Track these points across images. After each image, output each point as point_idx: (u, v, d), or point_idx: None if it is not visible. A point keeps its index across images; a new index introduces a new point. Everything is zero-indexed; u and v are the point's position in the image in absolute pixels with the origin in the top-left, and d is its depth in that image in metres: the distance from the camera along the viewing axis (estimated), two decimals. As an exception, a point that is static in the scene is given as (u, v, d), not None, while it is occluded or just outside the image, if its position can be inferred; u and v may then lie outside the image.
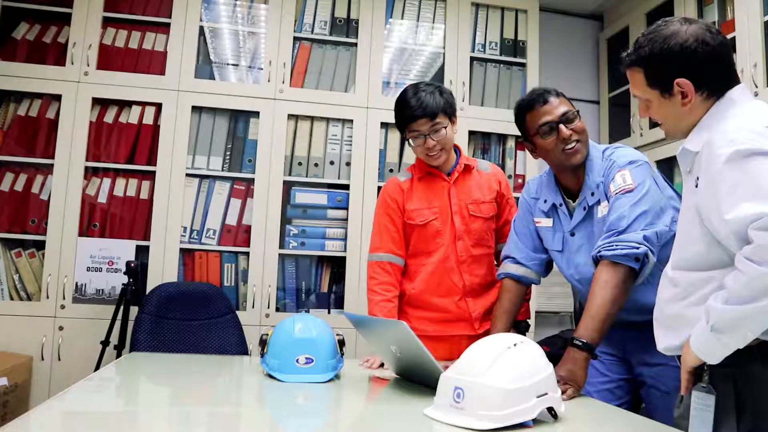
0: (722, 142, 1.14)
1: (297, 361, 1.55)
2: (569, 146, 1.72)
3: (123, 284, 2.55)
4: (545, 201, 1.88)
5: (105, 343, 2.50)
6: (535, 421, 1.16)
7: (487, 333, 1.87)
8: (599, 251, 1.61)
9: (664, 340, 1.30)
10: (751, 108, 1.23)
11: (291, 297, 2.95)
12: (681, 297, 1.25)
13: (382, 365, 1.84)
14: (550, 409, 1.19)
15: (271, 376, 1.56)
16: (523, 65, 3.29)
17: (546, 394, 1.16)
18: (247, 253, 2.88)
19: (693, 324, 1.18)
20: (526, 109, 1.79)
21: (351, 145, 3.03)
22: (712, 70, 1.26)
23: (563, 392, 1.45)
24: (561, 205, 1.84)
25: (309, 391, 1.49)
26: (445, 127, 1.97)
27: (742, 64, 2.55)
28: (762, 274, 1.03)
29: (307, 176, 3.00)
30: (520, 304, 1.95)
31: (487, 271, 2.08)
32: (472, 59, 3.23)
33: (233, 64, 3.03)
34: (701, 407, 1.21)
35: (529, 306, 2.17)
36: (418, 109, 1.94)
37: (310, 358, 1.56)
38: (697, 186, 1.21)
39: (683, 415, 1.26)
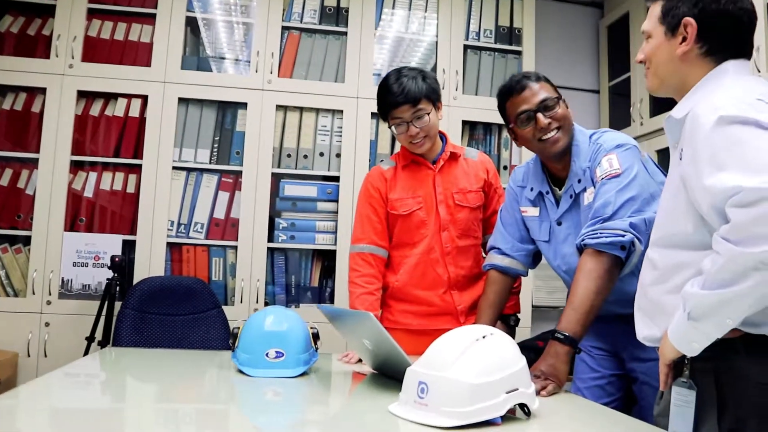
0: (708, 109, 1.07)
1: (267, 355, 1.50)
2: (547, 135, 1.65)
3: (107, 279, 2.50)
4: (532, 189, 1.80)
5: (90, 339, 2.45)
6: (506, 418, 1.10)
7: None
8: (583, 239, 1.54)
9: (644, 329, 1.22)
10: (745, 81, 1.15)
11: (281, 291, 2.90)
12: (660, 281, 1.17)
13: (361, 360, 1.78)
14: (523, 406, 1.13)
15: (241, 372, 1.50)
16: (518, 53, 3.21)
17: (517, 389, 1.09)
18: (235, 247, 2.83)
19: (671, 313, 1.11)
20: (505, 96, 1.71)
21: (341, 136, 2.96)
22: (723, 26, 1.17)
23: (543, 388, 1.38)
24: (547, 193, 1.76)
25: (278, 386, 1.43)
26: (429, 114, 1.90)
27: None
28: (739, 255, 0.96)
29: (296, 168, 2.94)
30: (506, 297, 1.88)
31: (473, 263, 2.01)
32: (466, 47, 3.15)
33: (220, 56, 2.97)
34: (681, 403, 1.13)
35: (518, 299, 2.10)
36: (399, 96, 1.88)
37: (280, 352, 1.50)
38: (681, 159, 1.13)
39: (664, 412, 1.19)
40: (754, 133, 1.00)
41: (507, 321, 2.08)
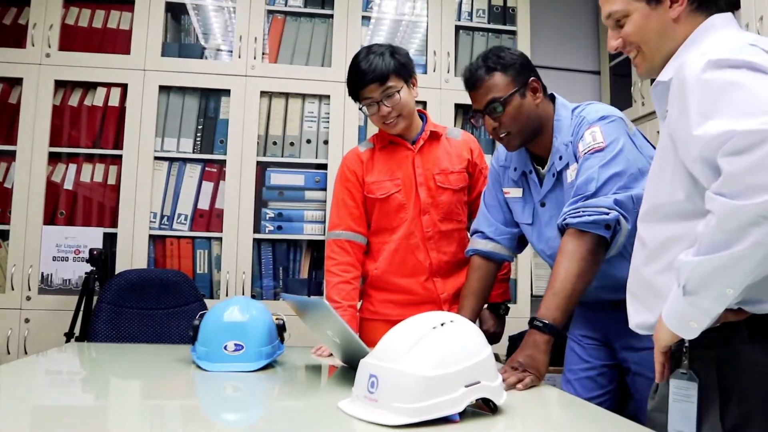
0: (695, 58, 0.95)
1: (225, 348, 1.40)
2: (498, 136, 1.54)
3: (86, 273, 2.43)
4: (515, 169, 1.69)
5: (69, 336, 2.38)
6: (469, 415, 0.99)
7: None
8: (564, 219, 1.42)
9: (636, 316, 1.10)
10: (734, 32, 1.04)
11: (268, 283, 2.80)
12: (651, 260, 1.05)
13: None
14: (488, 401, 1.01)
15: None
16: (513, 33, 3.08)
17: (478, 382, 0.98)
18: (220, 239, 2.74)
19: (665, 295, 0.98)
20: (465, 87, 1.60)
21: (328, 122, 2.86)
22: None
23: (519, 381, 1.27)
24: (531, 172, 1.65)
25: (239, 381, 1.34)
26: (399, 91, 1.79)
27: (747, 18, 2.31)
28: (735, 209, 0.84)
29: (282, 156, 2.84)
30: (490, 283, 1.77)
31: (457, 249, 1.89)
32: (458, 28, 3.03)
33: (202, 42, 2.87)
34: (681, 398, 1.01)
35: (508, 287, 1.99)
36: (368, 74, 1.77)
37: (239, 345, 1.40)
38: (667, 119, 1.01)
39: (659, 407, 1.07)
40: (747, 75, 0.88)
41: (496, 310, 1.97)
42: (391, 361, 0.97)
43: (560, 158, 1.55)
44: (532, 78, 1.56)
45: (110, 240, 2.67)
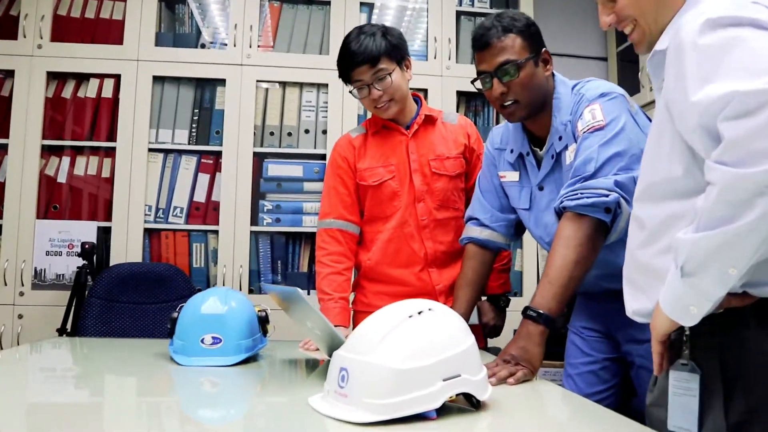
0: (692, 18, 0.86)
1: (202, 341, 1.33)
2: (503, 105, 1.44)
3: (78, 267, 2.38)
4: (512, 151, 1.59)
5: (61, 332, 2.33)
6: (448, 411, 0.90)
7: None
8: (561, 201, 1.33)
9: (633, 302, 1.01)
10: None
11: (266, 277, 2.73)
12: (649, 242, 0.96)
13: (321, 347, 1.60)
14: (470, 397, 0.93)
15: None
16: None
17: (458, 376, 0.90)
18: (217, 232, 2.67)
19: (664, 278, 0.89)
20: (472, 45, 1.50)
21: (327, 111, 2.78)
22: None
23: (511, 375, 1.18)
24: (528, 154, 1.55)
25: (217, 376, 1.27)
26: (391, 73, 1.70)
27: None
28: (738, 179, 0.75)
29: (280, 147, 2.77)
30: (486, 273, 1.68)
31: (454, 238, 1.80)
32: (459, 13, 2.94)
33: (197, 31, 2.80)
34: (682, 392, 0.92)
35: (508, 278, 1.90)
36: (358, 55, 1.68)
37: (217, 338, 1.33)
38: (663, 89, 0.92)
39: (658, 402, 0.98)
40: (750, 33, 0.79)
41: (496, 302, 1.89)
42: (362, 353, 0.89)
43: (559, 139, 1.46)
44: (544, 48, 1.47)
45: (105, 234, 2.62)
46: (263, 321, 1.44)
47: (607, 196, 1.26)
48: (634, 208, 1.00)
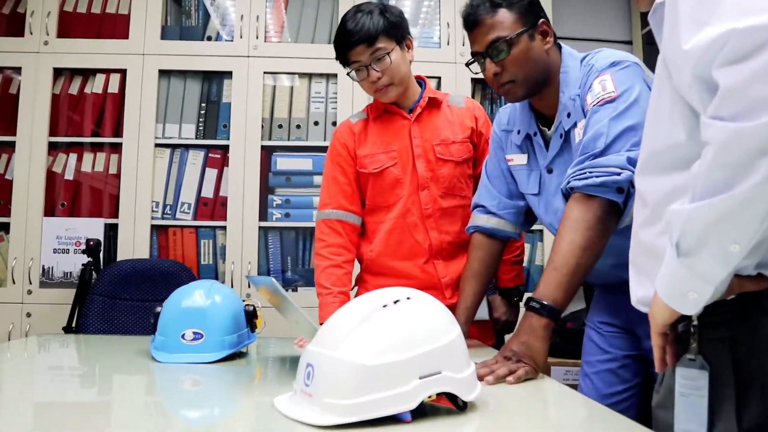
0: None
1: (183, 337, 1.25)
2: (500, 85, 1.33)
3: (83, 265, 2.33)
4: (518, 132, 1.47)
5: (67, 330, 2.29)
6: (428, 414, 0.80)
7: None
8: (568, 181, 1.20)
9: (638, 289, 0.88)
10: None
11: (276, 274, 2.66)
12: (652, 220, 0.83)
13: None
14: (454, 397, 0.82)
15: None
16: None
17: (438, 373, 0.79)
18: (225, 228, 2.60)
19: None
20: (463, 27, 1.39)
21: (336, 102, 2.69)
22: None
23: (511, 372, 1.06)
24: (536, 134, 1.43)
25: (199, 374, 1.19)
26: (390, 53, 1.60)
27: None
28: (737, 135, 0.62)
29: (289, 139, 2.69)
30: (494, 264, 1.56)
31: (461, 228, 1.68)
32: (474, -3, 2.80)
33: (203, 24, 2.74)
34: (690, 391, 0.79)
35: (521, 270, 1.78)
36: (354, 34, 1.58)
37: (198, 333, 1.25)
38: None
39: (664, 402, 0.86)
40: None
41: (509, 296, 1.77)
42: (328, 347, 0.79)
43: (568, 116, 1.33)
44: (542, 20, 1.35)
45: (112, 231, 2.58)
46: (251, 316, 1.35)
47: (618, 174, 1.13)
48: (636, 183, 0.88)
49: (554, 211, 1.39)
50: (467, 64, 1.40)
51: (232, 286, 2.54)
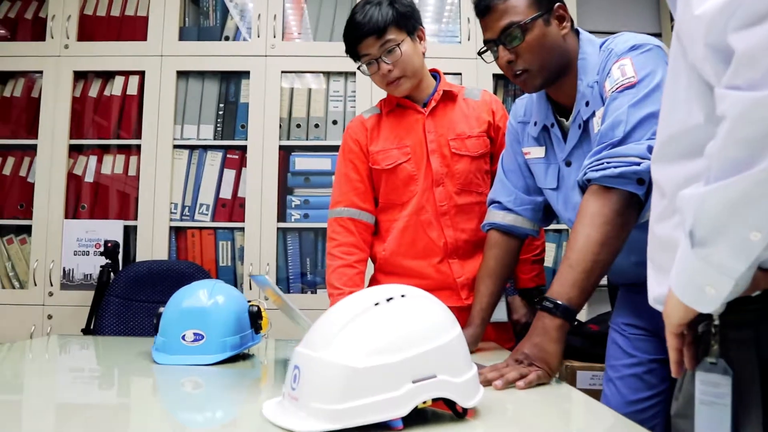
0: None
1: (183, 338, 1.21)
2: (515, 74, 1.26)
3: (101, 266, 2.33)
4: (535, 124, 1.40)
5: (86, 332, 2.29)
6: (421, 420, 0.73)
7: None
8: (585, 173, 1.13)
9: (656, 287, 0.81)
10: None
11: (295, 276, 2.62)
12: (669, 212, 0.75)
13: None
14: (452, 404, 0.76)
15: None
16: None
17: (433, 377, 0.73)
18: (243, 229, 2.58)
19: None
20: (475, 14, 1.33)
21: (355, 100, 2.64)
22: None
23: (522, 377, 0.99)
24: (553, 125, 1.36)
25: (196, 375, 1.15)
26: (400, 44, 1.54)
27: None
28: (756, 105, 0.54)
29: (307, 139, 2.65)
30: (510, 263, 1.49)
31: (477, 225, 1.62)
32: (495, -10, 2.73)
33: (221, 24, 2.73)
34: (711, 398, 0.71)
35: (542, 269, 1.70)
36: (363, 26, 1.54)
37: (199, 334, 1.21)
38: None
39: (684, 411, 0.78)
40: None
41: (529, 297, 1.69)
42: (315, 348, 0.74)
43: (586, 104, 1.25)
44: (558, 3, 1.27)
45: (132, 233, 2.58)
46: (255, 317, 1.31)
47: (638, 164, 1.05)
48: (652, 172, 0.80)
49: (573, 207, 1.31)
50: (480, 53, 1.34)
51: (250, 289, 2.51)
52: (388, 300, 0.76)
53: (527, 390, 0.97)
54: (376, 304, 0.75)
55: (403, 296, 0.77)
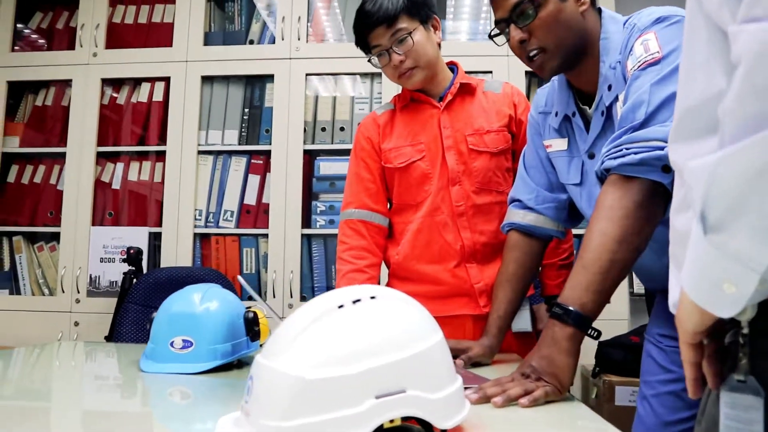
0: None
1: (172, 344, 1.14)
2: (529, 56, 1.13)
3: (123, 273, 2.31)
4: (556, 114, 1.28)
5: (109, 339, 2.27)
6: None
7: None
8: (602, 161, 1.00)
9: (675, 288, 0.68)
10: None
11: (320, 283, 2.54)
12: (688, 201, 0.63)
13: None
14: (427, 425, 0.65)
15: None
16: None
17: (402, 392, 0.62)
18: (267, 236, 2.52)
19: None
20: None
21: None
22: None
23: (527, 393, 0.87)
24: (574, 114, 1.23)
25: (189, 385, 1.08)
26: (411, 33, 1.45)
27: None
28: None
29: (332, 143, 2.58)
30: (533, 267, 1.36)
31: (497, 227, 1.50)
32: (528, -17, 2.60)
33: (245, 28, 2.70)
34: (738, 424, 0.58)
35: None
36: (372, 15, 1.45)
37: (188, 341, 1.13)
38: None
39: (708, 435, 0.64)
40: None
41: (550, 303, 1.55)
42: (269, 356, 0.64)
43: (609, 89, 1.13)
44: None
45: (157, 239, 2.56)
46: (251, 323, 1.22)
47: (662, 149, 0.92)
48: (669, 153, 0.67)
49: (597, 203, 1.18)
50: (490, 36, 1.22)
51: (274, 296, 2.45)
52: (354, 302, 0.66)
53: (533, 408, 0.84)
54: (340, 306, 0.65)
55: (372, 298, 0.67)
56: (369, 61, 1.54)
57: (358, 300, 0.66)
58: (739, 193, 0.45)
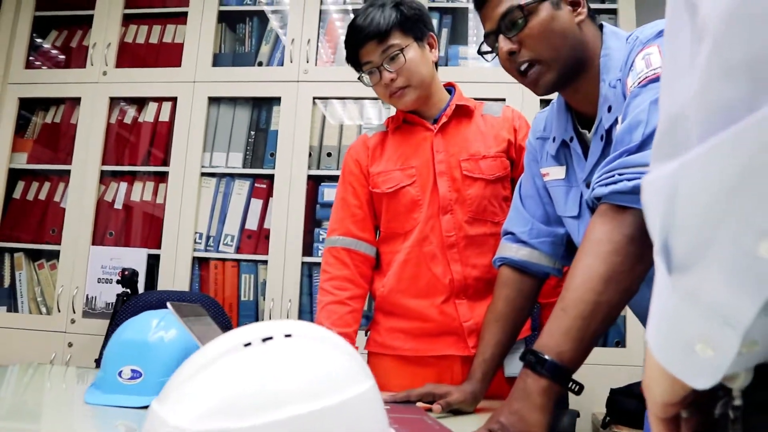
0: None
1: (120, 374, 1.04)
2: (520, 70, 1.04)
3: (117, 294, 2.25)
4: (554, 140, 1.17)
5: (98, 363, 2.19)
6: None
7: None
8: (593, 189, 0.88)
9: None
10: None
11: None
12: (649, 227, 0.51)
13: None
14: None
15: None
16: (613, 12, 2.48)
17: (311, 450, 0.51)
18: (267, 262, 2.43)
19: None
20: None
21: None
22: None
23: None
24: (572, 139, 1.12)
25: (135, 419, 0.98)
26: (403, 50, 1.36)
27: None
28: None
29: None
30: (525, 306, 1.24)
31: (491, 261, 1.38)
32: (545, 9, 2.51)
33: (255, 50, 2.66)
34: None
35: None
36: (363, 30, 1.37)
37: (137, 371, 1.04)
38: None
39: None
40: None
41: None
42: (161, 400, 0.54)
43: (609, 110, 1.02)
44: None
45: (157, 261, 2.50)
46: (210, 355, 1.12)
47: (659, 176, 0.80)
48: (651, 171, 0.55)
49: (594, 238, 1.06)
50: (479, 51, 1.13)
51: (269, 325, 2.35)
52: (264, 340, 0.56)
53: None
54: (247, 345, 0.55)
55: (288, 336, 0.57)
56: (359, 78, 1.46)
57: (269, 338, 0.56)
58: (710, 215, 0.33)
